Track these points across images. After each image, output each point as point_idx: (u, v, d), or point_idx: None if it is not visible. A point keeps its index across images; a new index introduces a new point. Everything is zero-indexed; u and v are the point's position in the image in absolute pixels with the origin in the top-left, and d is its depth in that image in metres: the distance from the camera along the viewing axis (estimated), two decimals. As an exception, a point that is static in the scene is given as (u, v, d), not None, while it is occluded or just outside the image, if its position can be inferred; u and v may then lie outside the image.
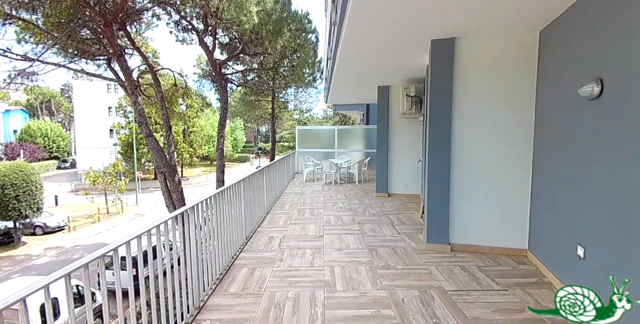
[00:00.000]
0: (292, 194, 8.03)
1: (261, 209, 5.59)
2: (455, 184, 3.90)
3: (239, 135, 51.92)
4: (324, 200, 7.22)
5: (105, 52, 12.71)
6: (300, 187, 9.14)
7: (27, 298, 1.26)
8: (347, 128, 12.49)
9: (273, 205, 6.67)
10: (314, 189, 8.70)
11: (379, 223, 5.24)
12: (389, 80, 6.81)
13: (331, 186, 9.19)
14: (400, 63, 5.37)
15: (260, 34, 12.88)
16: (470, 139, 3.84)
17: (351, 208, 6.36)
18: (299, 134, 12.28)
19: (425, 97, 6.09)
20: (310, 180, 10.41)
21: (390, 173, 7.45)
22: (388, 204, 6.64)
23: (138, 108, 12.02)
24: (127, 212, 26.32)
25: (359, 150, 11.89)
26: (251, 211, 4.84)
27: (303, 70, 16.99)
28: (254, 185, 5.15)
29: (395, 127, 7.35)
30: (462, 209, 3.92)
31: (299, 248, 4.15)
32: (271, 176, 6.78)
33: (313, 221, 5.43)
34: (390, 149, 7.40)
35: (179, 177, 12.65)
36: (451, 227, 3.96)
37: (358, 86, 7.83)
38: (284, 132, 38.61)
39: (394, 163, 7.41)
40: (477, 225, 3.89)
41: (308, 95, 22.60)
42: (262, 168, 6.03)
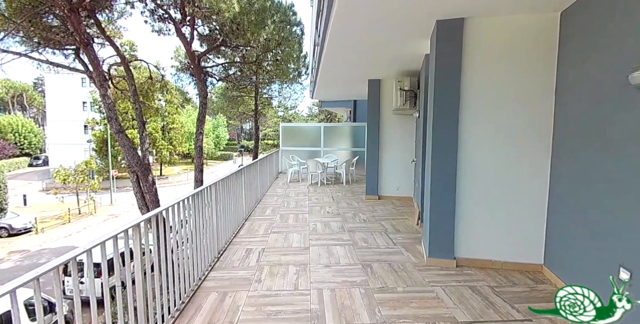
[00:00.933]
0: (275, 196, 7.39)
1: (239, 216, 4.93)
2: (462, 190, 3.37)
3: (222, 132, 50.59)
4: (310, 203, 6.62)
5: (73, 41, 11.68)
6: (284, 188, 8.51)
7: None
8: (334, 126, 11.92)
9: (253, 210, 6.02)
10: (299, 191, 8.08)
11: (371, 231, 4.68)
12: (381, 73, 6.26)
13: (317, 187, 8.60)
14: (395, 53, 4.81)
15: (241, 24, 12.12)
16: (480, 139, 3.32)
17: (340, 213, 5.78)
18: (283, 132, 11.61)
19: (420, 91, 5.57)
20: (295, 180, 9.78)
21: (381, 174, 6.92)
22: (379, 208, 6.10)
23: (107, 102, 11.07)
24: (100, 212, 24.98)
25: (345, 148, 11.34)
26: (226, 219, 4.19)
27: (288, 65, 16.29)
28: (231, 188, 4.50)
29: (386, 124, 6.81)
30: (469, 219, 3.40)
31: (281, 263, 3.54)
32: (252, 176, 6.13)
33: (298, 229, 4.82)
34: (382, 148, 6.87)
35: (152, 177, 11.78)
36: (457, 240, 3.44)
37: (347, 80, 7.25)
38: (268, 130, 37.74)
39: (385, 163, 6.89)
40: (486, 237, 3.38)
41: (293, 91, 21.92)
42: (241, 168, 5.38)
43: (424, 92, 5.22)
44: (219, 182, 3.90)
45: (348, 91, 9.16)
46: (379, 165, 6.89)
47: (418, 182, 5.60)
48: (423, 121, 4.77)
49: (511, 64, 3.21)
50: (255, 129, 19.09)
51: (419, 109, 5.58)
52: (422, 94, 5.39)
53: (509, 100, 3.24)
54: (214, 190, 3.67)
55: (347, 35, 4.01)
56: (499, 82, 3.25)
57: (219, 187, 3.88)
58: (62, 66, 13.43)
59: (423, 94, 5.28)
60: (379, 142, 6.84)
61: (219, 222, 3.84)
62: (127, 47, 23.83)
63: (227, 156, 50.85)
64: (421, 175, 4.90)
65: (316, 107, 43.45)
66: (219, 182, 3.93)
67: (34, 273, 1.40)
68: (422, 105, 5.36)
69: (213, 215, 3.63)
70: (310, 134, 11.46)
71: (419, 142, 5.63)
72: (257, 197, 6.71)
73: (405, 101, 5.74)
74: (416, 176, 6.18)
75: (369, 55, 4.98)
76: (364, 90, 8.46)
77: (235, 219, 4.65)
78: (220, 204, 3.91)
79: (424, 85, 5.21)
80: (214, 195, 3.66)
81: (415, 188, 6.22)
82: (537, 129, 3.19)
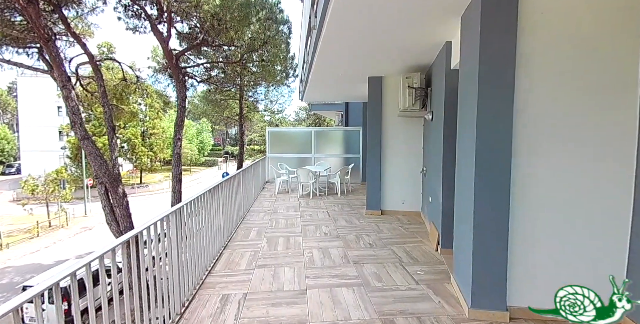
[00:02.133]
0: (262, 212, 6.36)
1: (215, 244, 3.91)
2: (518, 215, 2.47)
3: (206, 137, 49.10)
4: (303, 221, 5.63)
5: (33, 38, 10.47)
6: (272, 202, 7.49)
7: None
8: (326, 130, 10.99)
9: (234, 232, 4.99)
10: (289, 205, 7.08)
11: (382, 262, 3.73)
12: (384, 68, 5.38)
13: (309, 200, 7.62)
14: (405, 41, 3.93)
15: (223, 20, 11.12)
16: (543, 148, 2.43)
17: (339, 235, 4.82)
18: (270, 137, 10.61)
19: (433, 89, 4.71)
20: (284, 191, 8.77)
21: (384, 186, 6.00)
22: (385, 227, 5.17)
23: (71, 105, 9.84)
24: (73, 225, 23.24)
25: (337, 155, 10.41)
26: (198, 253, 3.17)
27: (274, 66, 15.33)
28: (206, 210, 3.50)
29: (390, 129, 5.92)
30: (527, 254, 2.49)
31: (270, 322, 2.54)
32: (234, 191, 5.12)
33: (290, 260, 3.83)
34: (384, 156, 5.96)
35: (123, 189, 10.56)
36: (510, 283, 2.52)
37: (343, 77, 6.34)
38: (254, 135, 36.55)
39: (388, 174, 5.98)
40: (551, 279, 2.48)
41: (280, 94, 20.93)
42: (222, 181, 4.38)
43: (438, 90, 4.36)
44: (192, 201, 2.90)
45: (343, 92, 8.27)
46: (382, 175, 5.97)
47: (432, 196, 4.71)
48: (445, 123, 3.88)
49: (583, 44, 2.34)
50: (239, 134, 17.97)
51: (432, 110, 4.71)
52: (436, 92, 4.52)
53: (584, 94, 2.36)
54: (176, 218, 2.67)
55: (351, 17, 3.10)
56: (567, 74, 2.37)
57: (190, 209, 2.88)
58: (23, 66, 12.14)
59: (437, 92, 4.41)
60: (381, 149, 5.94)
61: (187, 261, 2.83)
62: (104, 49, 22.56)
63: (211, 162, 49.26)
64: (441, 189, 4.00)
65: (303, 112, 42.56)
66: (192, 202, 2.94)
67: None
68: (436, 105, 4.49)
69: (173, 254, 2.61)
70: (299, 140, 10.49)
71: (432, 148, 4.75)
72: (240, 215, 5.68)
73: (415, 100, 4.86)
74: (426, 188, 5.29)
75: (373, 44, 4.08)
76: (361, 90, 7.58)
77: (209, 250, 3.63)
78: (192, 230, 2.90)
79: (438, 81, 4.34)
80: (173, 226, 2.65)
81: (426, 203, 5.32)
82: (621, 131, 2.33)
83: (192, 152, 44.21)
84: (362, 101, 9.96)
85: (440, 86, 4.20)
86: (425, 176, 5.40)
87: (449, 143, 3.82)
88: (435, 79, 4.58)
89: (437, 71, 4.48)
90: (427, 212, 5.14)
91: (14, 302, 1.22)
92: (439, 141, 4.16)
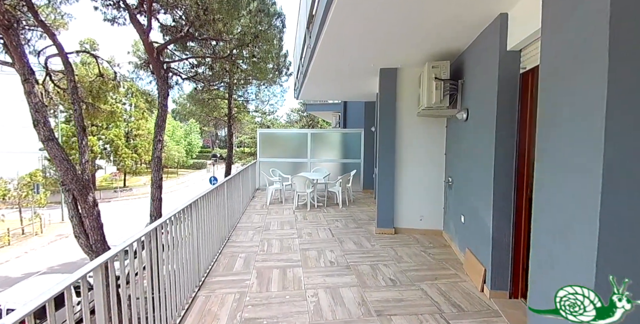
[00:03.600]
0: (251, 230, 5.31)
1: (187, 285, 2.85)
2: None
3: (194, 139, 47.59)
4: (302, 243, 4.59)
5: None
6: (263, 215, 6.43)
7: None
8: (324, 132, 9.98)
9: (215, 261, 3.92)
10: (283, 219, 6.03)
11: (415, 312, 2.73)
12: (402, 57, 4.41)
13: (307, 212, 6.59)
14: (439, 17, 2.98)
15: (210, 9, 10.07)
16: None
17: (349, 264, 3.80)
18: (262, 140, 9.54)
19: (467, 81, 3.76)
20: (277, 202, 7.72)
21: (398, 199, 5.01)
22: (404, 253, 4.17)
23: (34, 101, 8.61)
24: (48, 232, 21.70)
25: (336, 160, 9.40)
26: (161, 301, 2.12)
27: (266, 63, 14.29)
28: (177, 237, 2.46)
29: (406, 131, 4.94)
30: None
31: None
32: (217, 206, 4.07)
33: (288, 309, 2.79)
34: (399, 164, 4.98)
35: (93, 197, 9.35)
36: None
37: (348, 70, 5.36)
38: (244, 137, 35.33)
39: (403, 185, 5.00)
40: None
41: (272, 94, 19.86)
42: (200, 196, 3.36)
43: (478, 81, 3.41)
44: (162, 225, 1.87)
45: (345, 89, 7.28)
46: (396, 187, 4.99)
47: (467, 215, 3.74)
48: (498, 123, 2.91)
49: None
50: (228, 136, 16.83)
51: (466, 106, 3.76)
52: (474, 84, 3.57)
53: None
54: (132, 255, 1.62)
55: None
56: None
57: (152, 239, 1.85)
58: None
59: (477, 84, 3.46)
60: (395, 155, 4.96)
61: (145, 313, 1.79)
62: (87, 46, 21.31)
63: (200, 164, 47.76)
64: (490, 208, 3.02)
65: (296, 114, 41.51)
66: (160, 227, 1.90)
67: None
68: (473, 101, 3.54)
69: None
70: (294, 143, 9.45)
71: (467, 155, 3.80)
72: (224, 235, 4.62)
73: (444, 95, 3.90)
74: (453, 203, 4.32)
75: (393, 23, 3.11)
76: (366, 87, 6.62)
77: (178, 296, 2.58)
78: (158, 265, 1.86)
79: (480, 70, 3.39)
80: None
81: (453, 221, 4.36)
82: None
83: (179, 154, 42.72)
84: (364, 100, 9.00)
85: (483, 75, 3.24)
86: (451, 188, 4.44)
87: (504, 148, 2.86)
88: (474, 67, 3.62)
89: (476, 57, 3.53)
90: (456, 233, 4.17)
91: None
92: (483, 146, 3.19)
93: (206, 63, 15.05)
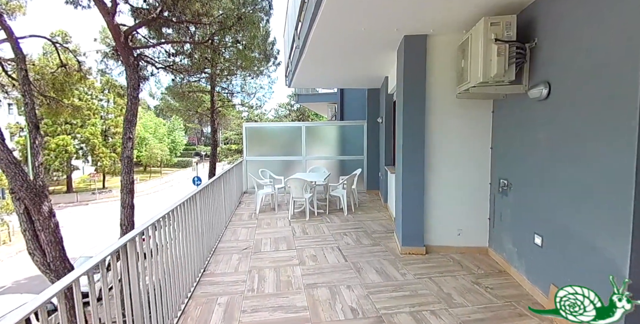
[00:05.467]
0: (236, 254, 4.04)
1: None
2: None
3: (178, 136, 45.59)
4: (306, 276, 3.35)
5: None
6: (252, 228, 5.16)
7: None
8: (320, 126, 8.70)
9: (180, 314, 2.66)
10: (278, 235, 4.78)
11: None
12: (439, 16, 3.18)
13: (306, 223, 5.35)
14: None
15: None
16: None
17: (380, 315, 2.58)
18: (249, 135, 8.22)
19: (542, 44, 2.57)
20: (269, 209, 6.46)
21: (428, 209, 3.82)
22: (450, 287, 2.99)
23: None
24: (17, 240, 19.88)
25: (332, 157, 8.15)
26: None
27: (251, 51, 12.88)
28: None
29: (439, 120, 3.74)
30: None
31: None
32: (191, 223, 2.81)
33: None
34: (430, 164, 3.78)
35: (50, 206, 7.92)
36: None
37: (355, 45, 4.11)
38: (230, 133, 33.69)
39: (436, 190, 3.81)
40: None
41: (259, 86, 18.40)
42: (169, 209, 2.09)
43: (574, 40, 2.23)
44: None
45: (347, 72, 6.01)
46: (425, 193, 3.80)
47: (541, 230, 2.58)
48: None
49: None
50: (212, 132, 15.35)
51: (546, 79, 2.57)
52: (564, 46, 2.38)
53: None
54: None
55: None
56: None
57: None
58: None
59: (571, 44, 2.28)
60: (425, 152, 3.76)
61: None
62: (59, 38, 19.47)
63: (185, 162, 45.82)
64: (630, 228, 1.85)
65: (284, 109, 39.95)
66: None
67: None
68: (562, 70, 2.36)
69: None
70: (286, 138, 8.15)
71: (543, 147, 2.62)
72: (200, 264, 3.35)
73: (509, 64, 2.70)
74: (510, 212, 3.16)
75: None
76: (373, 68, 5.39)
77: None
78: None
79: (581, 19, 2.20)
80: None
81: (505, 236, 3.20)
82: None
83: (162, 152, 40.74)
84: (367, 87, 7.78)
85: (603, 25, 2.05)
86: (507, 194, 3.28)
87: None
88: (538, 24, 2.42)
89: (540, 11, 2.33)
90: (521, 257, 3.01)
91: None
92: (602, 138, 2.02)
93: (185, 52, 13.53)
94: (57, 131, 28.22)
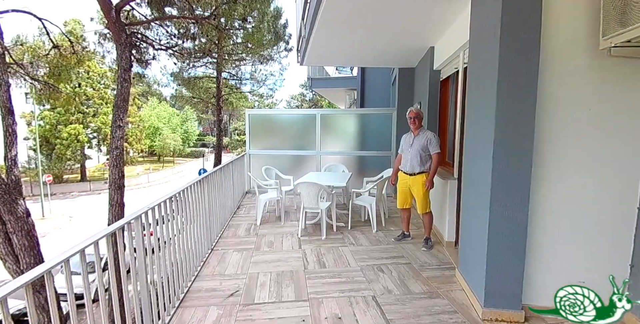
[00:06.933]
0: (214, 306, 2.64)
1: None
2: None
3: (191, 127, 44.93)
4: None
5: None
6: (247, 252, 3.74)
7: None
8: (339, 113, 7.16)
9: None
10: (283, 267, 3.35)
11: None
12: None
13: (321, 244, 3.91)
14: None
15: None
16: None
17: None
18: (252, 125, 6.78)
19: None
20: (272, 218, 5.04)
21: (532, 248, 2.31)
22: None
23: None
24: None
25: (353, 152, 6.63)
26: None
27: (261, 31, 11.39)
28: None
29: (563, 96, 2.18)
30: None
31: None
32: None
33: None
34: (541, 175, 2.25)
35: (24, 207, 6.76)
36: None
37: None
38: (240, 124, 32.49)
39: (548, 208, 2.29)
40: None
41: (269, 73, 16.93)
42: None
43: None
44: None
45: (373, 44, 4.46)
46: (530, 224, 2.28)
47: None
48: None
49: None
50: (217, 122, 14.02)
51: None
52: None
53: None
54: None
55: None
56: None
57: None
58: None
59: None
60: (534, 154, 2.22)
61: None
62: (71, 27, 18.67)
63: (198, 153, 45.20)
64: None
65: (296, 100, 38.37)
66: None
67: None
68: None
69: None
70: (297, 129, 6.67)
71: None
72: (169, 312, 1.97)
73: None
74: None
75: None
76: (410, 36, 3.83)
77: None
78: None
79: None
80: None
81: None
82: None
83: (175, 142, 40.16)
84: (399, 66, 6.18)
85: None
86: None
87: None
88: None
89: None
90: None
91: None
92: None
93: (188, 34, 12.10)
94: (69, 120, 27.67)
